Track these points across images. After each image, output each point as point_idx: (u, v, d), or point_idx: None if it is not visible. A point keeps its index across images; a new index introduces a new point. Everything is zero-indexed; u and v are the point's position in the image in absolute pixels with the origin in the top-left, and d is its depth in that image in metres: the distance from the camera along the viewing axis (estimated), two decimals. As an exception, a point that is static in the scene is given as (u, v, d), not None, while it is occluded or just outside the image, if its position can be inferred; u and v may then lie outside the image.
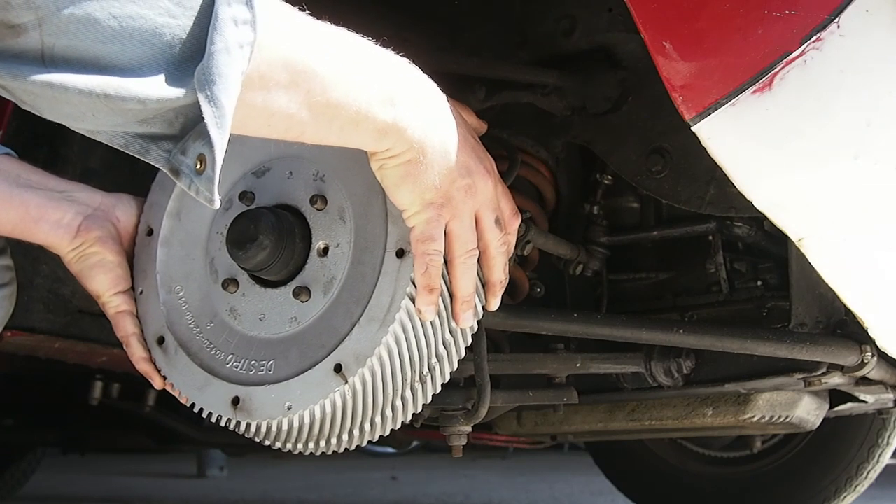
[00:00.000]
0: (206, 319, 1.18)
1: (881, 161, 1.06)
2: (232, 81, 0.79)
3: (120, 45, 0.77)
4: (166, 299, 1.21)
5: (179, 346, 1.19)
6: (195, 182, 0.81)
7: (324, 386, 1.07)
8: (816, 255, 1.15)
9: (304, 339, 1.11)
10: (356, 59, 0.95)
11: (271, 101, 0.87)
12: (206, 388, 1.15)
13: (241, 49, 0.80)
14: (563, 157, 1.60)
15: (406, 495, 4.31)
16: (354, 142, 0.98)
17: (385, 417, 1.10)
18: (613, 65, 1.47)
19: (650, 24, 1.05)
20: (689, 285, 1.65)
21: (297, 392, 1.09)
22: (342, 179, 1.12)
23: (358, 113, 0.93)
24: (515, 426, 1.97)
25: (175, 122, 0.81)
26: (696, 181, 1.38)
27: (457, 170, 1.04)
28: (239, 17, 0.80)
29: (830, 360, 1.45)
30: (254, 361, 1.13)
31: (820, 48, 0.99)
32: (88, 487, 4.89)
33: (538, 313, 1.40)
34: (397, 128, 0.97)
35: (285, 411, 1.09)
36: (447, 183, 1.03)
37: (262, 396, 1.11)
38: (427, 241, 1.04)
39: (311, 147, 1.11)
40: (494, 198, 1.09)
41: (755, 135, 1.05)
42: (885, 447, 2.29)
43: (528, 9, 1.53)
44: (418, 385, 1.10)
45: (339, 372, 1.07)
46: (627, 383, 1.66)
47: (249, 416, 1.11)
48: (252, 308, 1.15)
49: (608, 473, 2.70)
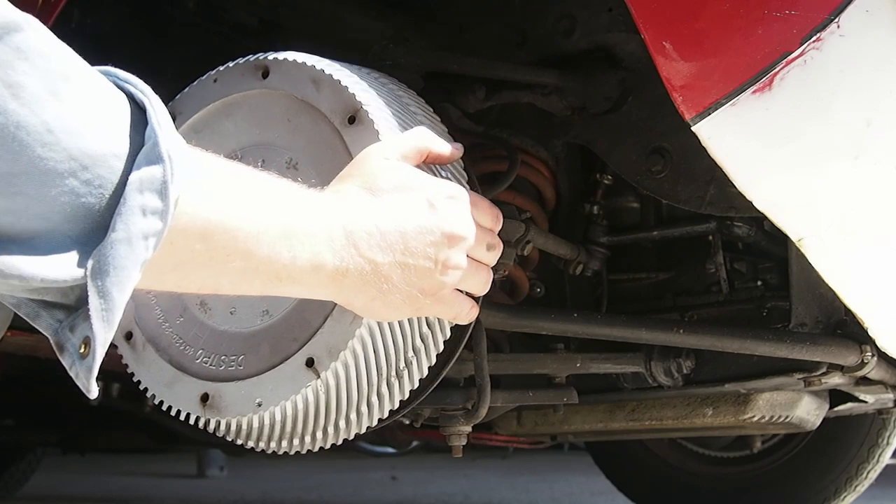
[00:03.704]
0: (175, 314, 1.14)
1: (881, 161, 1.06)
2: (127, 274, 0.72)
3: (13, 216, 0.69)
4: (134, 294, 1.17)
5: (148, 342, 1.15)
6: (76, 365, 0.73)
7: (295, 381, 1.03)
8: (816, 255, 1.15)
9: (276, 333, 1.07)
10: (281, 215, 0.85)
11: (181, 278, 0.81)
12: (174, 384, 1.12)
13: (144, 241, 0.72)
14: (563, 157, 1.60)
15: (406, 495, 4.31)
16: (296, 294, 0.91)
17: (360, 414, 1.07)
18: (613, 65, 1.46)
19: (650, 24, 1.05)
20: (689, 285, 1.65)
21: (267, 388, 1.05)
22: (316, 167, 1.08)
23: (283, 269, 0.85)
24: (515, 426, 1.97)
25: (70, 294, 0.74)
26: (696, 181, 1.38)
27: (425, 260, 0.93)
28: (149, 206, 0.72)
29: (830, 360, 1.45)
30: (224, 357, 1.10)
31: (820, 48, 0.99)
32: (88, 487, 4.89)
33: (538, 313, 1.40)
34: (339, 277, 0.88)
35: (256, 408, 1.05)
36: (425, 280, 0.94)
37: (231, 393, 1.08)
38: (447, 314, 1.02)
39: (285, 134, 1.10)
40: (472, 231, 0.98)
41: (755, 135, 1.05)
42: (885, 447, 2.29)
43: (528, 9, 1.53)
44: (394, 380, 1.06)
45: (312, 366, 1.03)
46: (627, 383, 1.66)
47: (219, 414, 1.08)
48: (223, 301, 1.11)
49: (608, 473, 2.70)
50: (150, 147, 0.73)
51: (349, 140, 1.05)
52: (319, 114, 1.08)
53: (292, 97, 1.10)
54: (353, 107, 1.06)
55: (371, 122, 1.04)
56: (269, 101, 1.12)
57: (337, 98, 1.07)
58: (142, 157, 0.73)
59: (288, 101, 1.11)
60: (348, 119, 1.06)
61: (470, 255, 0.98)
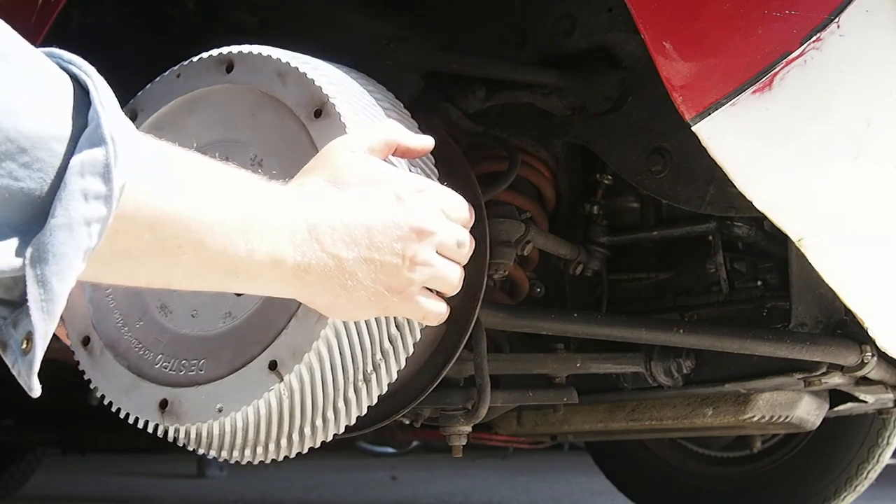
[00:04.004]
0: (135, 318, 1.09)
1: (881, 161, 1.06)
2: (69, 262, 0.67)
3: None
4: (93, 296, 1.12)
5: (105, 347, 1.09)
6: (18, 362, 0.70)
7: (257, 385, 0.98)
8: (816, 255, 1.15)
9: (239, 336, 1.02)
10: (239, 207, 0.81)
11: (129, 270, 0.77)
12: (132, 391, 1.06)
13: (87, 227, 0.68)
14: (563, 157, 1.60)
15: (406, 495, 4.31)
16: (256, 291, 0.87)
17: (327, 420, 1.02)
18: (613, 65, 1.47)
19: (650, 24, 1.05)
20: (689, 285, 1.65)
21: (229, 392, 0.99)
22: (281, 163, 1.03)
23: (240, 263, 0.81)
24: (515, 426, 1.97)
25: (14, 289, 0.69)
26: (696, 181, 1.38)
27: (392, 256, 0.89)
28: (91, 190, 0.68)
29: (830, 360, 1.45)
30: (184, 361, 1.04)
31: (820, 48, 0.99)
32: (88, 487, 4.89)
33: (538, 313, 1.41)
34: (300, 273, 0.84)
35: (216, 414, 1.00)
36: (392, 276, 0.89)
37: (191, 398, 1.02)
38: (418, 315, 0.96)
39: (249, 130, 1.06)
40: (441, 226, 0.93)
41: (755, 135, 1.05)
42: (885, 447, 2.29)
43: (528, 9, 1.53)
44: (362, 384, 1.01)
45: (275, 369, 0.97)
46: (627, 383, 1.66)
47: (178, 420, 1.02)
48: (184, 304, 1.06)
49: (608, 473, 2.70)
50: (93, 129, 0.70)
51: (315, 134, 1.01)
52: (285, 108, 1.04)
53: (257, 91, 1.06)
54: (319, 100, 1.01)
55: (338, 116, 1.00)
56: (234, 97, 1.08)
57: (303, 91, 1.03)
58: (84, 139, 0.69)
59: (253, 96, 1.07)
60: (314, 113, 1.02)
61: (440, 251, 0.93)
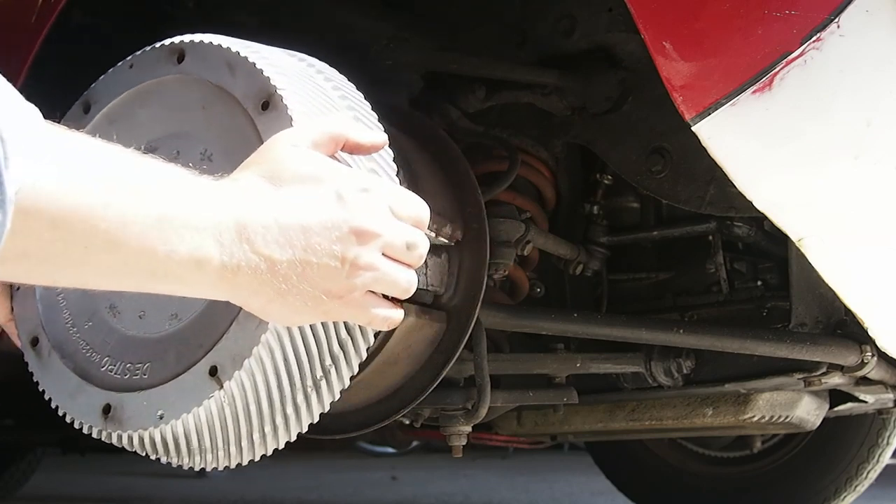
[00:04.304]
0: (83, 318, 1.04)
1: (881, 161, 1.06)
2: None
3: None
4: (43, 295, 1.08)
5: (53, 348, 1.05)
6: None
7: (198, 391, 0.93)
8: (816, 255, 1.15)
9: (183, 338, 0.97)
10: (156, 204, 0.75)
11: (29, 269, 0.72)
12: (77, 394, 1.02)
13: None
14: (563, 157, 1.60)
15: (406, 495, 4.31)
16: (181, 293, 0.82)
17: (277, 427, 0.97)
18: (613, 65, 1.47)
19: (650, 24, 1.05)
20: (689, 285, 1.65)
21: (170, 399, 0.95)
22: (230, 159, 0.97)
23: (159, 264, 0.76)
24: (515, 426, 1.97)
25: None
26: (696, 181, 1.38)
27: (330, 259, 0.81)
28: None
29: (830, 360, 1.45)
30: (129, 364, 1.00)
31: (820, 48, 0.99)
32: (88, 487, 4.89)
33: (538, 313, 1.41)
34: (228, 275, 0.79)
35: (157, 421, 0.95)
36: (330, 280, 0.82)
37: (134, 404, 0.97)
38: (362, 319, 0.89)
39: (199, 123, 1.01)
40: (387, 227, 0.85)
41: (755, 135, 1.05)
42: (885, 447, 2.29)
43: (528, 9, 1.53)
44: (312, 391, 0.95)
45: (215, 375, 0.92)
46: (627, 383, 1.66)
47: (120, 427, 0.98)
48: (133, 305, 1.01)
49: (608, 473, 2.70)
50: None
51: (262, 128, 0.95)
52: (234, 100, 0.98)
53: (208, 83, 1.01)
54: (266, 92, 0.95)
55: (284, 108, 0.94)
56: (185, 88, 1.03)
57: (251, 83, 0.97)
58: None
59: (203, 88, 1.01)
60: (262, 105, 0.96)
61: (387, 254, 0.86)
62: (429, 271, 1.21)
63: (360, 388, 1.23)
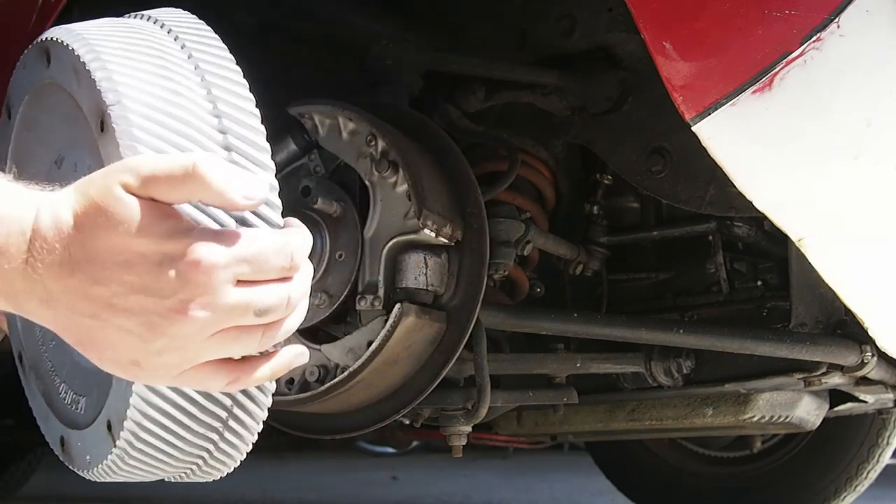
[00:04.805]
0: (49, 336, 0.94)
1: (881, 161, 1.06)
2: None
3: None
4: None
5: (30, 368, 0.98)
6: None
7: (102, 446, 0.84)
8: (816, 255, 1.15)
9: (101, 380, 0.85)
10: None
11: None
12: (46, 421, 0.95)
13: None
14: (563, 157, 1.60)
15: (406, 495, 4.31)
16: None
17: (190, 476, 0.90)
18: (613, 65, 1.47)
19: (650, 24, 1.05)
20: (689, 285, 1.65)
21: (90, 445, 0.86)
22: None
23: None
24: (515, 426, 1.97)
25: None
26: (696, 181, 1.38)
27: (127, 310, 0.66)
28: None
29: (830, 360, 1.45)
30: (75, 395, 0.92)
31: (820, 48, 0.99)
32: (88, 487, 4.89)
33: (538, 313, 1.41)
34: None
35: (87, 464, 0.87)
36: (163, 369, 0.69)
37: (74, 443, 0.90)
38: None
39: (67, 140, 0.89)
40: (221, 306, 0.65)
41: (755, 135, 1.05)
42: (885, 447, 2.29)
43: (528, 9, 1.53)
44: (217, 437, 0.84)
45: (110, 430, 0.82)
46: (627, 383, 1.66)
47: (71, 463, 0.90)
48: None
49: (608, 473, 2.70)
50: None
51: (103, 153, 0.77)
52: (83, 114, 0.81)
53: (67, 93, 0.84)
54: (100, 109, 0.76)
55: (112, 132, 0.74)
56: (55, 96, 0.88)
57: (91, 96, 0.78)
58: None
59: (66, 97, 0.85)
60: (99, 124, 0.77)
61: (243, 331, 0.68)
62: (429, 271, 1.21)
63: (360, 388, 1.23)
